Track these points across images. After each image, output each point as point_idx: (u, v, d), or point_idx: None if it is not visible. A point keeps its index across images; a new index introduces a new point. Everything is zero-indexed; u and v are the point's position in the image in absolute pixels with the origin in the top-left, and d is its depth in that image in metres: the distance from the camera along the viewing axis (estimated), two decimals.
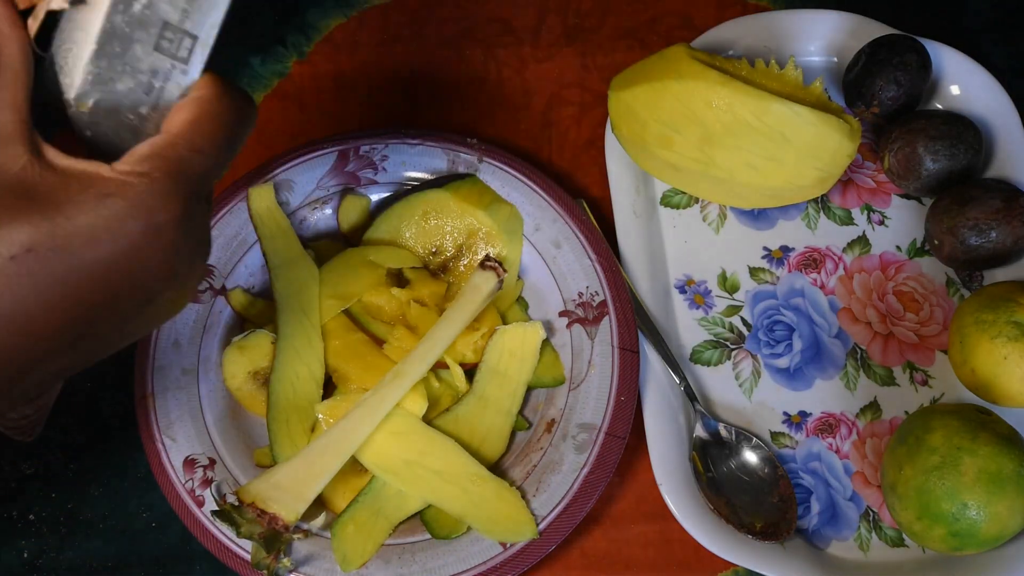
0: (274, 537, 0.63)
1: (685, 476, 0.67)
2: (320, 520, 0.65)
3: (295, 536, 0.64)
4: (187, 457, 0.66)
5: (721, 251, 0.75)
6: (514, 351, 0.68)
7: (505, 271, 0.67)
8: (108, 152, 0.41)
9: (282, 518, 0.62)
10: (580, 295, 0.71)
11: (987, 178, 0.74)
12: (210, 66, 0.42)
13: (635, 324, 0.69)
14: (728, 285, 0.74)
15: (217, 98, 0.41)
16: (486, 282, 0.67)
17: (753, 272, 0.75)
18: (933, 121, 0.72)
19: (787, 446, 0.70)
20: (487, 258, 0.67)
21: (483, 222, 0.71)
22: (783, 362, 0.72)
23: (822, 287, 0.74)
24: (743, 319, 0.73)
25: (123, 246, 0.38)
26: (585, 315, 0.70)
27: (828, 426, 0.70)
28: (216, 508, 0.64)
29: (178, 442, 0.67)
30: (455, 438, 0.66)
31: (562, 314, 0.71)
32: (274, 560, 0.62)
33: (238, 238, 0.71)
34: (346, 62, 0.82)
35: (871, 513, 0.68)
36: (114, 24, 0.40)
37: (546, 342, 0.70)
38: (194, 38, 0.41)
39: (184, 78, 0.41)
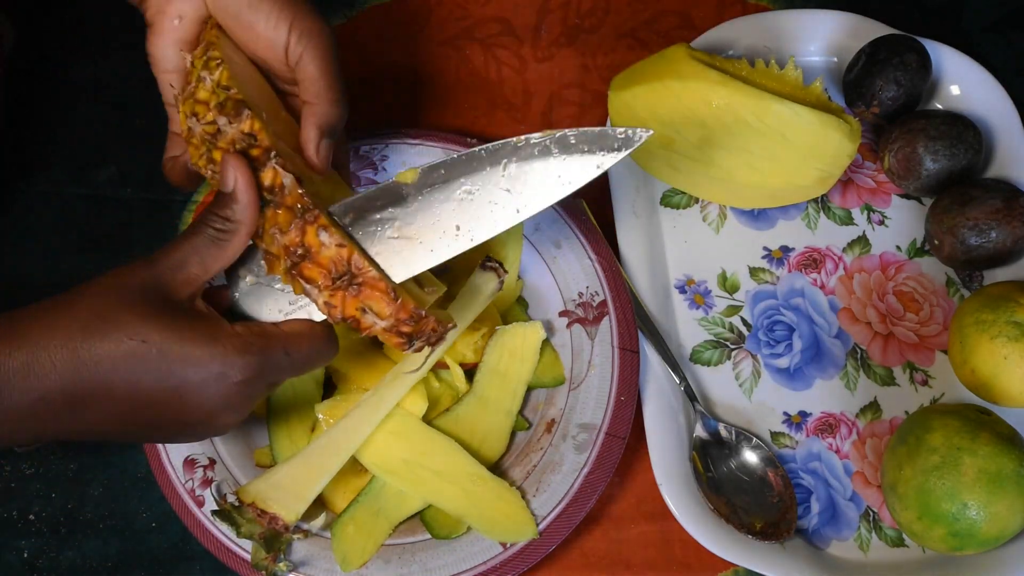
0: (274, 537, 0.63)
1: (685, 476, 0.67)
2: (320, 520, 0.65)
3: (295, 536, 0.64)
4: (187, 457, 0.66)
5: (721, 251, 0.75)
6: (514, 351, 0.68)
7: (505, 271, 0.67)
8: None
9: (282, 518, 0.62)
10: (580, 295, 0.71)
11: (987, 178, 0.74)
12: None
13: (635, 324, 0.69)
14: (728, 285, 0.74)
15: (321, 331, 0.56)
16: (486, 283, 0.67)
17: (753, 272, 0.75)
18: (933, 121, 0.72)
19: (787, 446, 0.70)
20: (487, 258, 0.67)
21: None
22: (783, 362, 0.72)
23: (822, 287, 0.74)
24: (743, 319, 0.73)
25: (201, 376, 0.51)
26: (585, 315, 0.70)
27: (828, 426, 0.70)
28: (216, 508, 0.64)
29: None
30: (455, 438, 0.66)
31: (562, 314, 0.71)
32: (273, 561, 0.62)
33: None
34: (347, 62, 0.82)
35: (871, 513, 0.68)
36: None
37: (546, 342, 0.70)
38: None
39: (313, 313, 0.56)
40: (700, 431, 0.69)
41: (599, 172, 0.54)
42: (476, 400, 0.68)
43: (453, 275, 0.71)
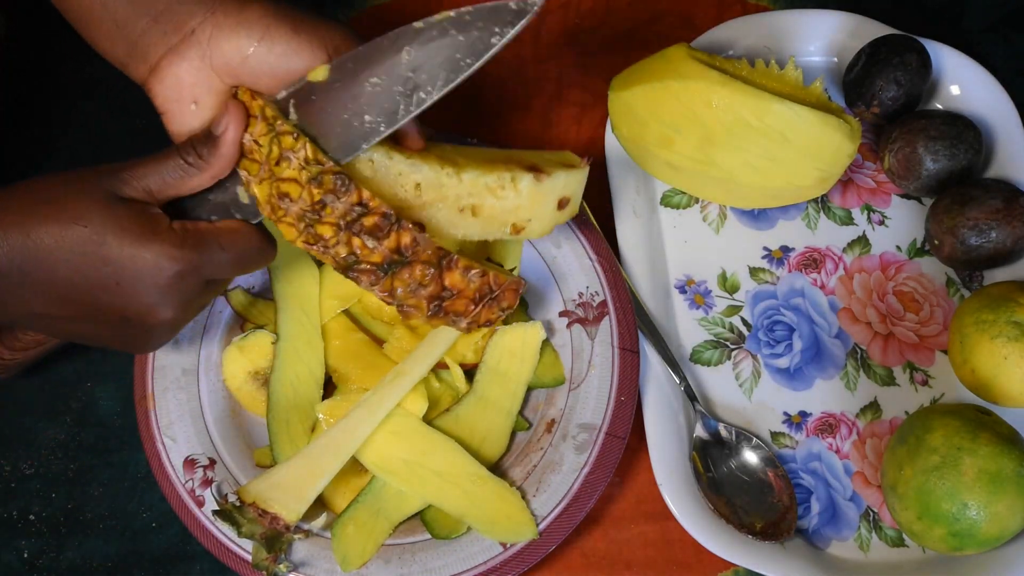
0: (275, 537, 0.63)
1: (685, 476, 0.67)
2: (321, 520, 0.65)
3: (296, 536, 0.64)
4: (187, 457, 0.66)
5: (721, 251, 0.75)
6: (514, 351, 0.68)
7: (509, 271, 0.67)
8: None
9: (283, 518, 0.62)
10: (580, 295, 0.71)
11: (987, 178, 0.74)
12: None
13: (635, 324, 0.69)
14: (728, 285, 0.74)
15: (257, 230, 0.58)
16: None
17: (753, 272, 0.75)
18: (933, 121, 0.72)
19: (787, 446, 0.70)
20: (488, 259, 0.67)
21: None
22: (783, 362, 0.72)
23: (822, 287, 0.74)
24: (743, 319, 0.73)
25: (136, 265, 0.53)
26: (585, 315, 0.70)
27: (828, 426, 0.70)
28: (217, 508, 0.64)
29: (178, 442, 0.67)
30: (455, 438, 0.66)
31: (562, 314, 0.71)
32: (274, 561, 0.62)
33: None
34: None
35: (871, 513, 0.68)
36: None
37: (546, 342, 0.70)
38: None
39: (253, 216, 0.58)
40: (700, 431, 0.69)
41: (496, 48, 0.54)
42: (476, 400, 0.68)
43: None
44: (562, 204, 0.62)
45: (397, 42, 0.55)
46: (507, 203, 0.59)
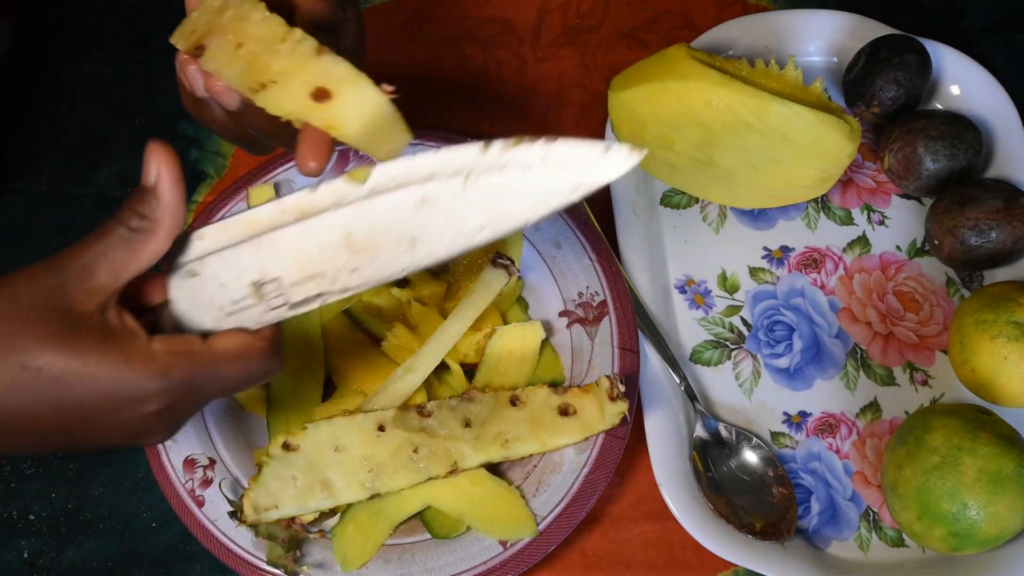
0: (292, 537, 0.63)
1: (685, 476, 0.67)
2: (335, 520, 0.65)
3: (312, 535, 0.64)
4: (187, 457, 0.66)
5: (721, 251, 0.75)
6: (514, 351, 0.68)
7: (517, 269, 0.68)
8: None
9: (299, 518, 0.62)
10: (580, 295, 0.71)
11: (987, 178, 0.74)
12: None
13: (635, 324, 0.69)
14: (728, 285, 0.74)
15: (260, 347, 0.48)
16: (497, 279, 0.67)
17: (753, 272, 0.75)
18: (933, 121, 0.72)
19: (787, 446, 0.70)
20: (498, 255, 0.67)
21: None
22: (783, 362, 0.72)
23: (822, 287, 0.74)
24: (743, 319, 0.73)
25: (109, 403, 0.45)
26: (585, 315, 0.70)
27: (828, 426, 0.70)
28: (231, 509, 0.63)
29: (178, 442, 0.67)
30: None
31: (562, 314, 0.71)
32: (292, 560, 0.62)
33: None
34: None
35: (871, 513, 0.68)
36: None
37: (546, 342, 0.70)
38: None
39: (262, 316, 0.49)
40: (700, 431, 0.69)
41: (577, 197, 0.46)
42: None
43: (454, 275, 0.71)
44: (319, 95, 0.48)
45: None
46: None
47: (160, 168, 0.46)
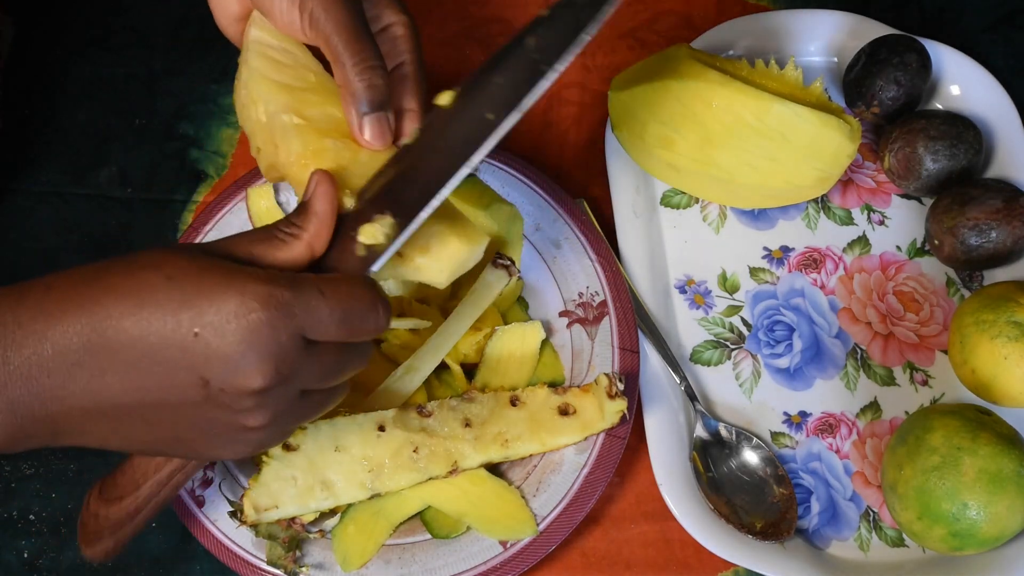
0: (292, 537, 0.63)
1: (685, 476, 0.67)
2: (335, 520, 0.65)
3: (312, 535, 0.64)
4: None
5: (721, 251, 0.75)
6: (514, 351, 0.68)
7: (517, 269, 0.68)
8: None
9: (300, 518, 0.62)
10: (580, 295, 0.71)
11: (987, 178, 0.74)
12: None
13: (635, 324, 0.69)
14: (728, 285, 0.74)
15: (363, 283, 0.49)
16: (498, 279, 0.67)
17: (753, 272, 0.75)
18: (933, 121, 0.72)
19: (787, 446, 0.70)
20: (499, 255, 0.67)
21: (483, 222, 0.71)
22: (783, 362, 0.72)
23: (822, 287, 0.74)
24: (743, 319, 0.73)
25: (221, 303, 0.45)
26: (585, 315, 0.70)
27: (828, 426, 0.71)
28: (231, 509, 0.63)
29: None
30: None
31: (562, 314, 0.71)
32: (292, 560, 0.62)
33: None
34: None
35: (871, 513, 0.68)
36: None
37: (546, 342, 0.70)
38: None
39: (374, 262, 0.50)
40: (700, 431, 0.69)
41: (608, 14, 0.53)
42: None
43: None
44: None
45: (522, 35, 0.52)
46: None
47: (317, 186, 0.50)
